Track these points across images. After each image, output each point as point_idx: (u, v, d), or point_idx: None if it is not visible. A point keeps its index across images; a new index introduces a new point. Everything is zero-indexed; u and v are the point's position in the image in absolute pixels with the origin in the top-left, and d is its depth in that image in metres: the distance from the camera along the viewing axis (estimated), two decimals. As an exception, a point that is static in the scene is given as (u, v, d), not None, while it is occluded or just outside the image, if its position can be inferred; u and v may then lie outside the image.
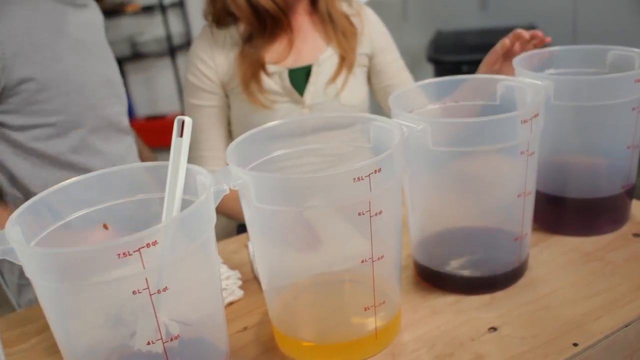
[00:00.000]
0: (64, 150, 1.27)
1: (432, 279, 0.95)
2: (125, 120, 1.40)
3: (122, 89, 1.41)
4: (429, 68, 3.23)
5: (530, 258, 0.98)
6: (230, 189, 0.71)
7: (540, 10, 3.32)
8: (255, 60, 1.37)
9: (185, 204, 0.71)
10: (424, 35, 3.48)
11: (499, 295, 0.91)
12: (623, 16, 3.16)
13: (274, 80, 1.38)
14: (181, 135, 0.72)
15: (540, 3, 3.34)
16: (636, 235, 1.03)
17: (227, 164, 0.74)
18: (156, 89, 4.38)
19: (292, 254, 0.80)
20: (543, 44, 1.19)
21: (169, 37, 4.18)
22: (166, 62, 4.29)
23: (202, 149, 1.43)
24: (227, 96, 1.42)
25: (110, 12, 4.01)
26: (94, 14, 1.40)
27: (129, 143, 1.40)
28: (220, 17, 1.40)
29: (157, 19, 4.22)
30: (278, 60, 1.39)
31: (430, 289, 0.94)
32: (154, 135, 3.09)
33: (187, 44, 4.22)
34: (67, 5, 1.28)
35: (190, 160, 1.41)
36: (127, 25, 4.29)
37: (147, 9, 4.15)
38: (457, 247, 0.94)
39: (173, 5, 4.19)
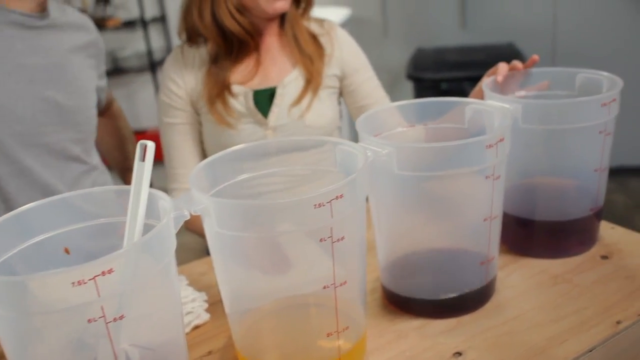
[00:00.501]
0: None
1: (399, 302, 0.94)
2: (75, 149, 1.30)
3: (83, 115, 1.31)
4: (409, 85, 3.25)
5: (498, 280, 0.98)
6: (191, 213, 0.71)
7: (519, 29, 3.36)
8: (221, 80, 1.37)
9: (147, 228, 0.70)
10: (405, 52, 3.50)
11: (466, 319, 0.91)
12: (602, 35, 3.20)
13: (239, 100, 1.38)
14: (143, 160, 0.72)
15: (520, 21, 3.37)
16: (604, 257, 1.04)
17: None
18: (137, 103, 4.35)
19: (254, 278, 0.79)
20: (530, 65, 1.14)
21: (149, 52, 4.17)
22: (147, 77, 4.27)
23: (175, 166, 1.42)
24: (198, 114, 1.42)
25: (91, 27, 3.98)
26: (70, 35, 1.30)
27: (81, 171, 1.32)
28: (191, 35, 1.41)
29: (139, 34, 4.21)
30: (244, 81, 1.39)
31: (398, 312, 0.94)
32: (133, 151, 3.08)
33: (168, 59, 4.19)
34: (21, 28, 1.22)
35: (165, 177, 1.41)
36: (108, 40, 4.23)
37: (129, 24, 4.13)
38: (424, 271, 0.94)
39: (154, 20, 4.17)
